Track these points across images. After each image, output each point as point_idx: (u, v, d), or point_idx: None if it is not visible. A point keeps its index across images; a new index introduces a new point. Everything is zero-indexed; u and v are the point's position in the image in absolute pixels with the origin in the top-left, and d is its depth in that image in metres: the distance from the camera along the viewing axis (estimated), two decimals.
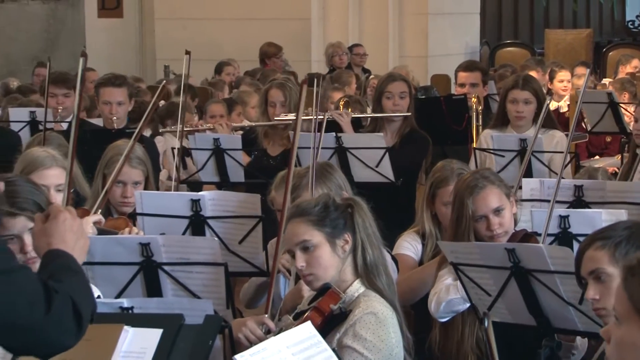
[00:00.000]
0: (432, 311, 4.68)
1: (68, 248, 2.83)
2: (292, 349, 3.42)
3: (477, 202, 4.74)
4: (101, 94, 7.49)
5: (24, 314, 2.55)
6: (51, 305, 2.57)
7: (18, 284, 2.56)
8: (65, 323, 2.61)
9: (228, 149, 7.27)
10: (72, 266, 2.78)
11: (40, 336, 2.59)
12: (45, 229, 2.87)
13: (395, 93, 7.54)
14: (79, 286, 2.70)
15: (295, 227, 4.11)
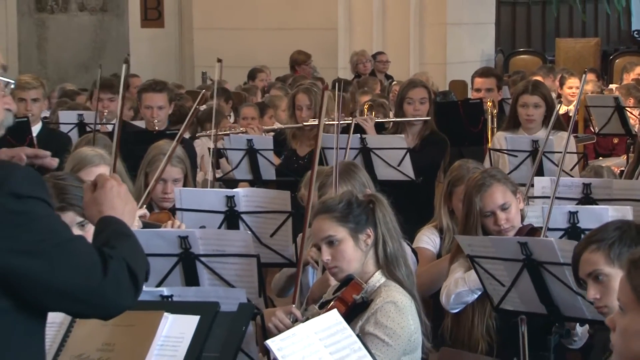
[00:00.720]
0: (444, 303, 4.68)
1: (118, 213, 2.84)
2: (320, 335, 3.41)
3: (484, 199, 4.73)
4: (143, 99, 7.52)
5: (83, 280, 2.55)
6: (107, 270, 2.57)
7: (76, 253, 2.56)
8: (123, 285, 2.61)
9: (260, 149, 7.28)
10: (124, 231, 2.78)
11: (100, 299, 2.59)
12: (95, 198, 2.88)
13: (416, 99, 7.56)
14: (132, 249, 2.71)
15: (321, 223, 4.11)
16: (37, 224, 2.51)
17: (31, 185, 2.52)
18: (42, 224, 2.52)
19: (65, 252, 2.54)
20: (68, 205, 3.90)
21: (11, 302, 2.51)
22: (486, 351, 4.59)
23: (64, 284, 2.53)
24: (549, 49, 18.75)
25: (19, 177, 2.50)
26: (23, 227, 2.48)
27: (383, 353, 3.86)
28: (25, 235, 2.48)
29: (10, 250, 2.46)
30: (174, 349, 3.38)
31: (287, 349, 3.30)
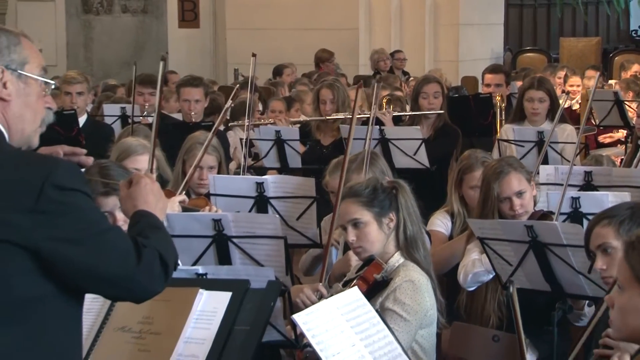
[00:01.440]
0: (461, 282, 4.67)
1: (150, 208, 2.83)
2: (342, 310, 3.41)
3: (502, 185, 4.72)
4: (181, 93, 7.53)
5: (119, 266, 2.56)
6: (141, 258, 2.58)
7: (113, 241, 2.57)
8: (155, 271, 2.61)
9: (288, 139, 7.28)
10: (156, 224, 2.78)
11: (134, 284, 2.60)
12: (130, 193, 2.88)
13: (430, 93, 7.56)
14: (163, 240, 2.70)
15: (348, 206, 4.11)
16: (78, 214, 2.51)
17: (73, 178, 2.52)
18: (83, 214, 2.52)
19: (103, 240, 2.54)
20: (112, 190, 3.92)
21: (52, 287, 2.51)
22: (497, 325, 4.59)
23: (101, 270, 2.54)
24: (554, 47, 18.67)
25: (63, 171, 2.50)
26: (66, 217, 2.48)
27: (401, 327, 3.86)
28: (68, 225, 2.48)
29: (54, 238, 2.46)
30: (208, 322, 3.39)
31: (311, 322, 3.30)
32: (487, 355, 4.17)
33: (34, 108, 2.67)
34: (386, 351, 3.41)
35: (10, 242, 2.44)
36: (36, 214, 2.44)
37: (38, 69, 2.68)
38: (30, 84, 2.65)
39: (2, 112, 2.61)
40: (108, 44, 16.76)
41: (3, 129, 2.62)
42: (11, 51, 2.62)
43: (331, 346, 3.28)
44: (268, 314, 3.60)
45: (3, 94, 2.61)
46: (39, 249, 2.45)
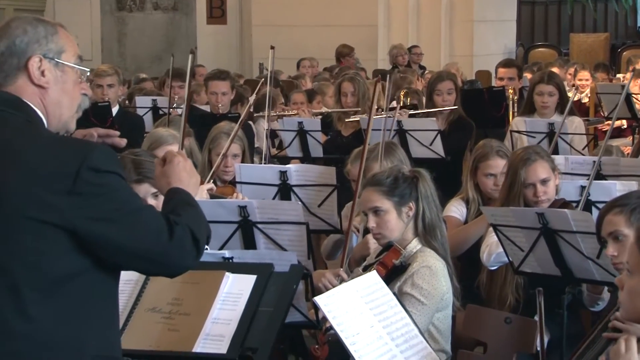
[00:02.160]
0: (484, 261, 4.64)
1: (184, 185, 2.83)
2: (361, 293, 3.41)
3: (528, 172, 4.68)
4: (209, 86, 7.54)
5: (152, 243, 2.57)
6: (173, 234, 2.58)
7: (146, 220, 2.58)
8: (186, 247, 2.62)
9: (310, 130, 7.26)
10: (188, 201, 2.78)
11: (166, 259, 2.61)
12: (164, 171, 2.88)
13: (444, 90, 7.53)
14: (195, 217, 2.70)
15: (369, 194, 4.10)
16: (113, 195, 2.52)
17: (108, 161, 2.53)
18: (117, 194, 2.53)
19: (137, 219, 2.55)
20: (144, 178, 3.92)
21: (89, 261, 2.52)
22: (513, 306, 4.55)
23: (135, 247, 2.55)
24: (564, 43, 18.57)
25: (98, 154, 2.51)
26: (101, 197, 2.49)
27: (418, 310, 3.84)
28: (103, 205, 2.49)
29: (90, 218, 2.48)
30: (234, 304, 3.39)
31: (332, 304, 3.30)
32: (500, 336, 4.14)
33: (71, 94, 2.69)
34: (403, 332, 3.40)
35: (49, 223, 2.46)
36: (73, 196, 2.46)
37: (74, 57, 2.69)
38: (67, 72, 2.67)
39: (40, 99, 2.63)
40: (140, 40, 16.79)
41: (42, 115, 2.63)
42: (49, 41, 2.63)
43: (351, 327, 3.27)
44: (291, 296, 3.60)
45: (41, 81, 2.62)
46: (75, 228, 2.47)
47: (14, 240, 2.46)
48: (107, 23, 17.08)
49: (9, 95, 2.60)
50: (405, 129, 7.00)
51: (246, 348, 3.39)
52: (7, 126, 2.55)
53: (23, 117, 2.58)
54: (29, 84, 2.61)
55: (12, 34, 2.61)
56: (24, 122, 2.58)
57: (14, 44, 2.60)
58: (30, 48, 2.61)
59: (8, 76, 2.61)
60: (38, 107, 2.63)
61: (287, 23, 15.01)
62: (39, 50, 2.62)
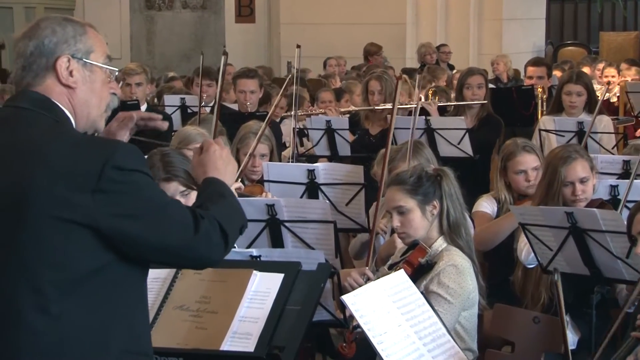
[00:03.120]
0: (522, 259, 4.61)
1: (220, 174, 2.85)
2: (388, 292, 3.40)
3: (568, 170, 4.66)
4: (237, 84, 7.55)
5: (178, 237, 2.58)
6: (198, 228, 2.59)
7: (171, 215, 2.59)
8: (213, 241, 2.62)
9: (337, 128, 7.26)
10: (222, 192, 2.79)
11: (193, 253, 2.62)
12: (201, 160, 2.90)
13: (474, 84, 7.51)
14: (226, 209, 2.71)
15: (393, 193, 4.09)
16: (137, 192, 2.53)
17: (132, 159, 2.54)
18: (142, 192, 2.54)
19: (162, 215, 2.56)
20: (173, 177, 3.93)
21: (113, 257, 2.54)
22: (547, 304, 4.53)
23: (161, 242, 2.56)
24: (594, 41, 18.46)
25: (122, 153, 2.52)
26: (126, 195, 2.50)
27: (445, 309, 3.84)
28: (128, 202, 2.51)
29: (115, 215, 2.49)
30: (262, 302, 3.39)
31: (359, 303, 3.30)
32: (528, 336, 4.12)
33: (99, 94, 2.71)
34: (431, 331, 3.40)
35: (73, 222, 2.47)
36: (97, 194, 2.47)
37: (103, 57, 2.71)
38: (95, 72, 2.69)
39: (68, 99, 2.65)
40: (169, 38, 16.86)
41: (69, 115, 2.65)
42: (77, 41, 2.65)
43: (378, 326, 3.27)
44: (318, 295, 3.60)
45: (69, 81, 2.64)
46: (100, 226, 2.48)
47: (39, 238, 2.47)
48: (136, 22, 17.17)
49: (38, 95, 2.62)
50: (434, 128, 6.98)
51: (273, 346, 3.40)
52: (35, 126, 2.57)
53: (51, 117, 2.60)
54: (57, 84, 2.63)
55: (41, 34, 2.63)
56: (52, 122, 2.59)
57: (43, 44, 2.62)
58: (58, 48, 2.62)
59: (37, 76, 2.63)
60: (66, 106, 2.65)
61: (315, 21, 15.02)
62: (68, 50, 2.63)
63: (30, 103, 2.61)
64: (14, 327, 2.48)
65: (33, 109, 2.60)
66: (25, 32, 2.65)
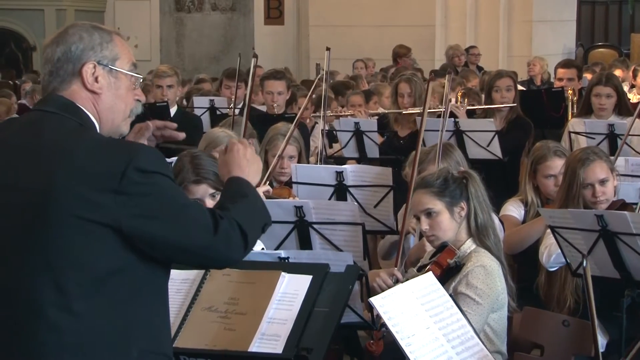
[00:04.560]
0: (544, 262, 4.59)
1: (243, 173, 2.89)
2: (416, 294, 3.40)
3: (587, 172, 4.64)
4: (265, 86, 7.56)
5: (197, 238, 2.61)
6: (218, 229, 2.62)
7: (191, 216, 2.62)
8: (232, 241, 2.65)
9: (366, 130, 7.26)
10: (244, 192, 2.81)
11: (212, 253, 2.65)
12: (225, 160, 2.94)
13: (503, 87, 7.50)
14: (246, 209, 2.74)
15: (420, 196, 4.08)
16: (158, 194, 2.57)
17: (154, 162, 2.58)
18: (163, 193, 2.58)
19: (182, 216, 2.60)
20: (202, 179, 3.95)
21: (134, 258, 2.57)
22: (573, 308, 4.51)
23: (181, 242, 2.60)
24: (625, 43, 18.33)
25: (144, 156, 2.57)
26: (147, 196, 2.55)
27: (474, 310, 3.82)
28: (149, 203, 2.55)
29: (136, 216, 2.53)
30: (290, 304, 3.39)
31: (388, 305, 3.29)
32: (557, 339, 4.10)
33: (124, 100, 2.75)
34: (459, 334, 3.39)
35: (95, 222, 2.51)
36: (119, 195, 2.51)
37: (128, 64, 2.75)
38: (121, 78, 2.74)
39: (93, 104, 2.70)
40: (198, 40, 16.93)
41: (94, 120, 2.70)
42: (103, 48, 2.70)
43: (406, 328, 3.26)
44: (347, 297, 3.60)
45: (94, 87, 2.69)
46: (121, 226, 2.52)
47: (61, 237, 2.51)
48: (166, 24, 17.25)
49: (64, 99, 2.67)
50: (463, 130, 6.96)
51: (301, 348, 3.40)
52: (60, 128, 2.62)
53: (76, 120, 2.65)
54: (82, 89, 2.69)
55: (69, 40, 2.68)
56: (77, 125, 2.64)
57: (70, 50, 2.68)
58: (85, 54, 2.68)
59: (63, 81, 2.69)
60: (90, 111, 2.69)
61: (343, 23, 15.02)
62: (94, 57, 2.69)
63: (56, 107, 2.66)
64: (37, 325, 2.51)
65: (58, 113, 2.65)
66: (53, 38, 2.72)
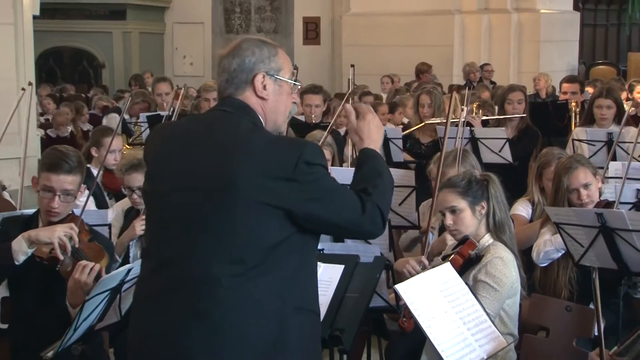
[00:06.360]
0: (534, 259, 4.62)
1: (374, 142, 2.99)
2: (436, 282, 3.39)
3: (570, 178, 4.63)
4: (304, 99, 7.57)
5: (349, 216, 2.75)
6: (365, 209, 2.76)
7: (345, 198, 2.76)
8: (374, 220, 2.78)
9: (392, 137, 7.25)
10: (380, 169, 2.90)
11: (360, 228, 2.79)
12: (359, 127, 3.01)
13: (514, 100, 7.45)
14: (382, 191, 2.84)
15: (446, 195, 4.08)
16: (320, 181, 2.71)
17: (317, 156, 2.72)
18: (323, 181, 2.73)
19: (338, 199, 2.74)
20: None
21: (294, 231, 2.70)
22: (568, 297, 4.51)
23: (337, 219, 2.74)
24: (622, 60, 18.18)
25: (310, 151, 2.71)
26: (312, 183, 2.69)
27: (492, 296, 3.82)
28: (314, 189, 2.69)
29: (305, 199, 2.67)
30: (325, 290, 3.41)
31: (410, 292, 3.29)
32: (561, 322, 4.07)
33: (285, 103, 2.89)
34: (474, 317, 3.37)
35: (270, 204, 2.65)
36: (292, 182, 2.66)
37: (289, 73, 2.89)
38: (283, 86, 2.87)
39: (261, 107, 2.84)
40: None
41: (262, 119, 2.83)
42: (271, 61, 2.84)
43: (427, 312, 3.25)
44: (374, 284, 3.60)
45: (263, 93, 2.83)
46: (291, 207, 2.66)
47: (243, 216, 2.64)
48: (218, 44, 17.32)
49: (240, 102, 2.82)
50: (477, 137, 6.93)
51: (335, 329, 3.40)
52: (239, 125, 2.75)
53: (250, 119, 2.78)
54: (253, 95, 2.82)
55: (243, 54, 2.83)
56: (251, 125, 2.77)
57: (244, 62, 2.82)
58: (256, 66, 2.82)
59: (238, 88, 2.82)
60: (260, 113, 2.83)
61: (373, 43, 15.01)
62: (263, 68, 2.83)
63: (233, 107, 2.80)
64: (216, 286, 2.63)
65: (235, 112, 2.79)
66: (229, 52, 2.87)
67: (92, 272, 3.58)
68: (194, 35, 17.29)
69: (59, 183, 3.82)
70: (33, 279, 3.75)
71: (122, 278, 3.42)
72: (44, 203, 3.85)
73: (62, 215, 3.86)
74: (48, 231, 3.68)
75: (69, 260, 3.67)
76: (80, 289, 3.55)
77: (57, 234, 3.64)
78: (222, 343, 2.62)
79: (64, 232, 3.66)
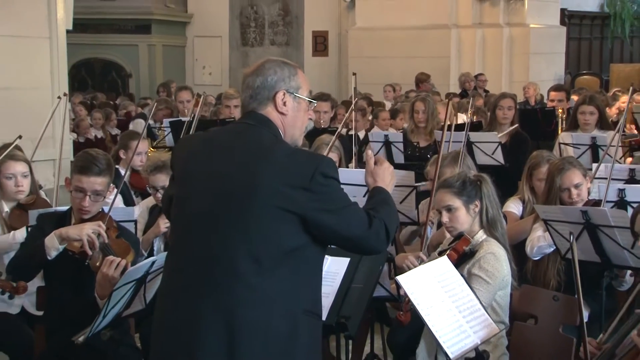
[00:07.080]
0: (528, 253, 4.60)
1: (385, 185, 3.05)
2: (434, 274, 3.37)
3: (563, 178, 4.62)
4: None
5: (357, 229, 2.75)
6: (371, 225, 2.76)
7: (354, 213, 2.77)
8: (380, 236, 2.78)
9: (394, 141, 7.24)
10: (387, 200, 2.95)
11: (365, 242, 2.79)
12: (375, 171, 3.08)
13: (505, 106, 7.41)
14: (389, 214, 2.86)
15: (442, 194, 4.07)
16: (333, 194, 2.73)
17: (332, 169, 2.73)
18: (336, 194, 2.74)
19: (348, 212, 2.75)
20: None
21: (308, 239, 2.71)
22: (556, 288, 4.50)
23: (345, 231, 2.74)
24: (605, 71, 18.13)
25: (326, 164, 2.72)
26: (326, 195, 2.70)
27: (484, 288, 3.81)
28: (327, 201, 2.70)
29: (318, 209, 2.68)
30: (332, 280, 3.40)
31: (410, 283, 3.27)
32: (549, 311, 4.05)
33: (302, 119, 2.92)
34: (469, 306, 3.36)
35: (287, 211, 2.65)
36: (308, 192, 2.66)
37: (306, 91, 2.92)
38: (301, 103, 2.89)
39: (281, 122, 2.86)
40: None
41: (282, 133, 2.85)
42: (291, 80, 2.87)
43: (425, 301, 3.24)
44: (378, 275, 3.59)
45: (283, 109, 2.85)
46: (306, 215, 2.66)
47: (262, 221, 2.65)
48: (234, 56, 17.34)
49: (262, 116, 2.83)
50: (472, 141, 6.91)
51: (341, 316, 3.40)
52: (261, 136, 2.77)
53: (271, 132, 2.81)
54: (274, 111, 2.84)
55: (266, 73, 2.85)
56: (272, 137, 2.79)
57: (267, 81, 2.83)
58: (278, 85, 2.84)
59: (260, 103, 2.84)
60: (279, 127, 2.85)
61: (376, 55, 15.00)
62: (284, 86, 2.85)
63: (256, 121, 2.82)
64: (235, 283, 2.63)
65: (258, 125, 2.81)
66: (253, 70, 2.87)
67: (119, 267, 3.58)
68: (213, 47, 17.32)
69: (90, 184, 3.83)
70: (66, 270, 3.76)
71: (147, 269, 3.43)
72: (76, 202, 3.87)
73: (93, 213, 3.87)
74: (77, 229, 3.69)
75: (97, 255, 3.67)
76: (108, 282, 3.56)
77: (85, 231, 3.66)
78: (240, 339, 2.62)
79: (92, 230, 3.67)
